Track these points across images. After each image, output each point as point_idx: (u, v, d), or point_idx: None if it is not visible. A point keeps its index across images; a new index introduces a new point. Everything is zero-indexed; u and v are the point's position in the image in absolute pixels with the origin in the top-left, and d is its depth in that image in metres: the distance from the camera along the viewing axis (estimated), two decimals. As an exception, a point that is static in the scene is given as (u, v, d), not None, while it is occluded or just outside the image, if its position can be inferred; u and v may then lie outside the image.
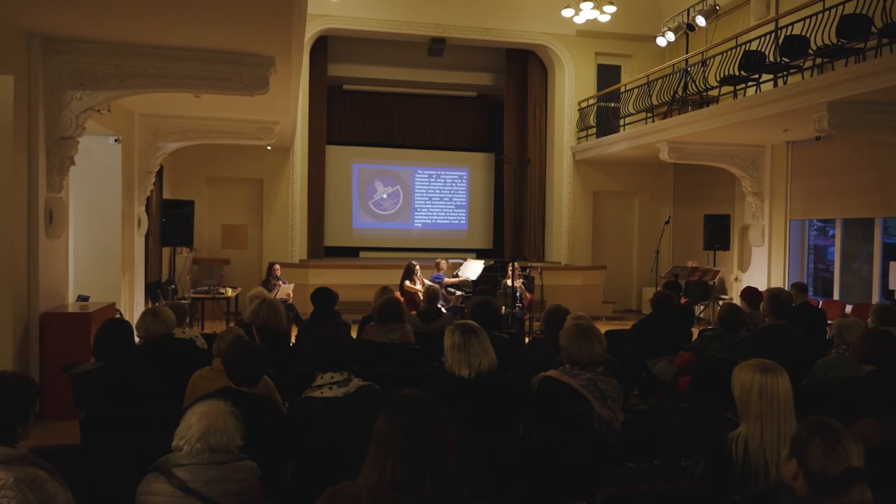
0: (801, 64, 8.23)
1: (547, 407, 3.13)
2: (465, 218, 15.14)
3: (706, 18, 11.32)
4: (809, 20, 7.82)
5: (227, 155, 12.01)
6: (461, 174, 15.13)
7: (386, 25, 12.59)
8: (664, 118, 10.59)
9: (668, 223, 11.65)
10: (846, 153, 9.40)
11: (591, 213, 13.70)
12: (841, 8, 7.39)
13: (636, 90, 11.77)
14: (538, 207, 13.96)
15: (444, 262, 10.49)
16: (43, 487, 2.02)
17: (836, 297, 9.82)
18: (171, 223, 9.38)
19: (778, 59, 8.35)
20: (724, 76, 9.27)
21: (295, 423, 2.93)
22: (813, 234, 10.71)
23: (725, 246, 11.17)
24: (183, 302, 8.15)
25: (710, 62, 9.97)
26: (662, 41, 12.40)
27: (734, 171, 10.92)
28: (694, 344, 5.15)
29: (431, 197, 14.99)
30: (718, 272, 10.78)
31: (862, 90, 6.78)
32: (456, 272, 10.58)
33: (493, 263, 10.48)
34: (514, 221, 13.70)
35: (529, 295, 9.82)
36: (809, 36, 7.81)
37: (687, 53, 11.53)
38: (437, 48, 13.08)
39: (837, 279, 9.92)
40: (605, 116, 12.82)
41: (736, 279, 11.49)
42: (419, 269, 9.62)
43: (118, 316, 6.97)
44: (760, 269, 10.87)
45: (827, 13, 7.56)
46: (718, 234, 11.11)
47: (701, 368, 4.69)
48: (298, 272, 11.58)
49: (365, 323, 5.59)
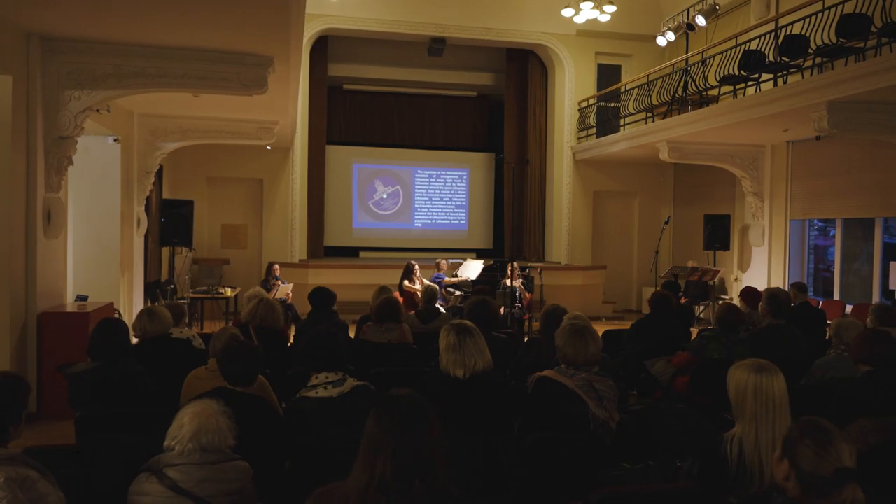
0: (800, 63, 8.22)
1: (542, 407, 3.12)
2: (465, 218, 15.12)
3: (706, 18, 11.31)
4: (809, 20, 7.81)
5: (226, 155, 12.01)
6: (461, 174, 15.12)
7: (386, 25, 12.58)
8: (664, 118, 10.58)
9: (667, 223, 11.63)
10: (846, 153, 9.38)
11: (591, 213, 13.69)
12: (840, 7, 7.38)
13: (636, 90, 11.76)
14: (538, 207, 13.95)
15: (444, 262, 10.48)
16: (34, 487, 2.01)
17: (836, 297, 9.80)
18: (170, 223, 9.37)
19: (778, 58, 8.34)
20: (723, 76, 9.26)
21: (289, 423, 2.93)
22: (814, 234, 10.69)
23: (725, 246, 11.16)
24: (181, 302, 8.15)
25: (709, 62, 9.96)
26: (662, 41, 12.40)
27: (734, 170, 10.90)
28: (692, 344, 5.14)
29: (431, 197, 14.97)
30: (718, 272, 10.76)
31: (862, 90, 6.77)
32: (455, 272, 10.57)
33: (492, 263, 10.47)
34: (514, 221, 13.68)
35: (529, 295, 9.80)
36: (809, 35, 7.80)
37: (687, 53, 11.51)
38: (437, 48, 13.07)
39: (837, 279, 9.90)
40: (605, 116, 12.80)
41: (736, 279, 11.47)
42: (418, 268, 9.61)
43: (117, 316, 6.98)
44: (760, 269, 10.85)
45: (826, 13, 7.55)
46: (718, 234, 11.09)
47: (699, 369, 4.68)
48: (298, 272, 11.57)
49: (363, 323, 5.59)
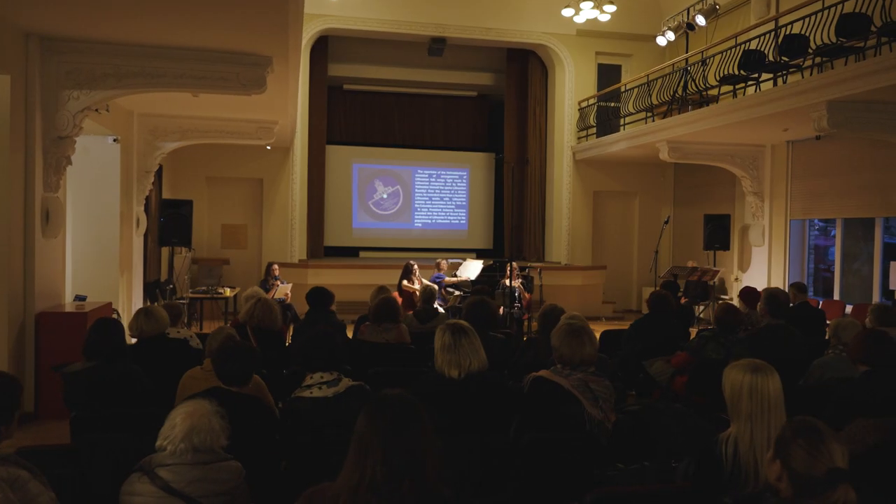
0: (800, 63, 8.21)
1: (538, 407, 3.11)
2: (465, 218, 15.11)
3: (706, 18, 11.29)
4: (809, 19, 7.80)
5: (226, 155, 12.01)
6: (461, 174, 15.11)
7: (386, 25, 12.58)
8: (664, 118, 10.56)
9: (667, 223, 11.61)
10: (846, 153, 9.36)
11: (591, 213, 13.68)
12: (840, 7, 7.37)
13: (636, 90, 11.74)
14: (538, 207, 13.94)
15: (444, 262, 10.47)
16: (25, 487, 2.01)
17: (836, 297, 9.78)
18: (169, 223, 9.36)
19: (777, 58, 8.32)
20: (723, 76, 9.25)
21: (284, 423, 2.92)
22: (814, 234, 10.67)
23: (725, 246, 11.14)
24: (180, 302, 8.15)
25: (709, 62, 9.95)
26: (662, 41, 12.38)
27: (734, 170, 10.88)
28: (690, 344, 5.12)
29: (431, 197, 14.96)
30: (718, 272, 10.74)
31: (861, 89, 6.75)
32: (455, 272, 10.56)
33: (491, 263, 10.46)
34: (513, 221, 13.68)
35: (528, 295, 9.79)
36: (809, 35, 7.79)
37: (687, 53, 11.50)
38: (437, 48, 13.06)
39: (838, 279, 9.88)
40: (605, 116, 12.79)
41: (736, 279, 11.46)
42: (417, 268, 9.60)
43: (115, 316, 6.98)
44: (761, 269, 10.83)
45: (826, 12, 7.53)
46: (718, 233, 11.07)
47: (697, 369, 4.66)
48: (297, 272, 11.56)
49: (361, 323, 5.58)
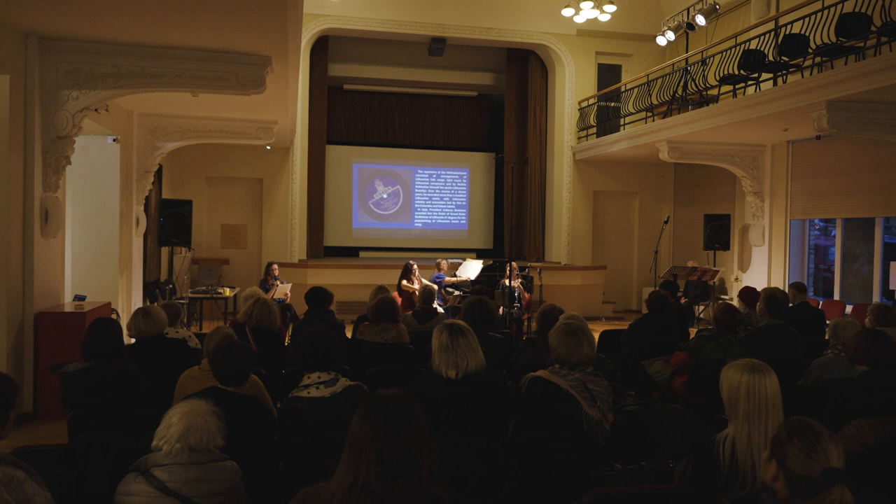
0: (800, 63, 8.20)
1: (535, 407, 3.11)
2: (465, 218, 15.11)
3: (706, 17, 11.28)
4: (809, 19, 7.79)
5: (226, 154, 12.01)
6: (461, 174, 15.10)
7: (386, 25, 12.57)
8: (664, 118, 10.55)
9: (666, 223, 11.61)
10: (846, 152, 9.35)
11: (591, 212, 13.67)
12: (840, 6, 7.36)
13: (636, 90, 11.74)
14: (538, 207, 13.93)
15: (444, 262, 10.46)
16: (20, 487, 2.00)
17: (836, 297, 9.77)
18: (168, 223, 9.36)
19: (777, 58, 8.32)
20: (723, 75, 9.24)
21: (281, 423, 2.92)
22: (815, 234, 10.66)
23: (725, 246, 11.13)
24: (179, 302, 8.15)
25: (709, 61, 9.94)
26: (662, 40, 12.37)
27: (734, 170, 10.87)
28: (689, 344, 5.11)
29: (431, 197, 14.96)
30: (717, 272, 10.74)
31: (861, 89, 6.74)
32: (455, 272, 10.56)
33: (491, 263, 10.46)
34: (514, 221, 13.67)
35: (528, 295, 9.79)
36: (809, 35, 7.78)
37: (687, 53, 11.49)
38: (437, 48, 13.06)
39: (838, 279, 9.87)
40: (605, 116, 12.78)
41: (736, 279, 11.45)
42: (417, 268, 9.60)
43: (114, 316, 6.98)
44: (761, 269, 10.82)
45: (826, 12, 7.53)
46: (718, 233, 11.06)
47: (696, 369, 4.66)
48: (297, 272, 11.56)
49: (359, 322, 5.58)
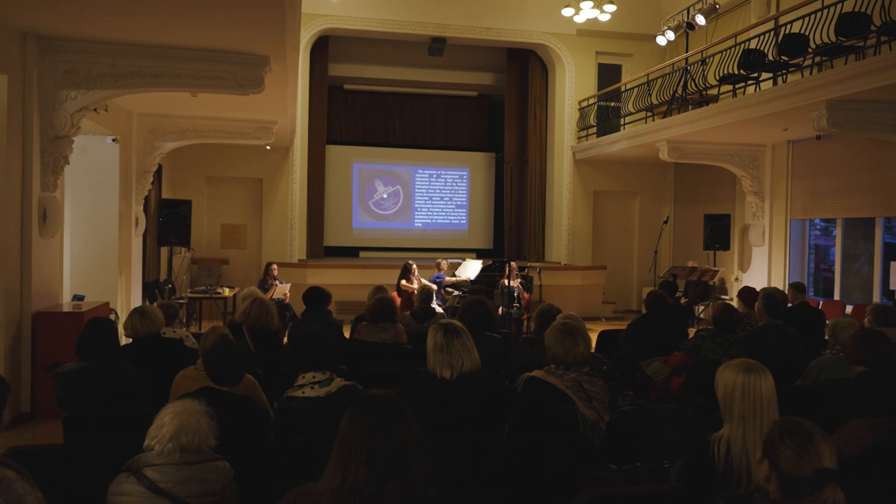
0: (800, 62, 8.18)
1: (531, 407, 3.10)
2: (465, 218, 15.10)
3: (706, 17, 11.26)
4: (808, 18, 7.77)
5: (226, 154, 12.01)
6: (461, 174, 15.09)
7: (386, 25, 12.57)
8: (664, 117, 10.54)
9: (666, 223, 11.59)
10: (847, 152, 9.34)
11: (591, 212, 13.66)
12: (840, 6, 7.34)
13: (636, 89, 11.72)
14: (538, 207, 13.92)
15: (444, 262, 10.47)
16: (11, 487, 2.00)
17: (836, 297, 9.75)
18: (168, 223, 9.36)
19: (777, 57, 8.30)
20: (723, 75, 9.23)
21: (276, 422, 2.91)
22: (815, 233, 10.64)
23: (725, 246, 11.11)
24: (177, 301, 8.15)
25: (709, 61, 9.93)
26: (662, 40, 12.35)
27: (734, 170, 10.86)
28: (687, 344, 5.10)
29: (432, 197, 14.95)
30: (717, 272, 10.72)
31: (861, 88, 6.73)
32: (455, 272, 10.56)
33: (491, 263, 10.45)
34: (513, 221, 13.66)
35: (528, 295, 9.79)
36: (809, 34, 7.76)
37: (687, 52, 11.47)
38: (437, 48, 13.05)
39: (838, 279, 9.85)
40: (605, 116, 12.77)
41: (736, 279, 11.43)
42: (416, 268, 9.60)
43: (112, 316, 6.98)
44: (761, 269, 10.80)
45: (826, 11, 7.51)
46: (718, 233, 11.05)
47: (694, 369, 4.65)
48: (297, 272, 11.55)
49: (358, 322, 5.58)
